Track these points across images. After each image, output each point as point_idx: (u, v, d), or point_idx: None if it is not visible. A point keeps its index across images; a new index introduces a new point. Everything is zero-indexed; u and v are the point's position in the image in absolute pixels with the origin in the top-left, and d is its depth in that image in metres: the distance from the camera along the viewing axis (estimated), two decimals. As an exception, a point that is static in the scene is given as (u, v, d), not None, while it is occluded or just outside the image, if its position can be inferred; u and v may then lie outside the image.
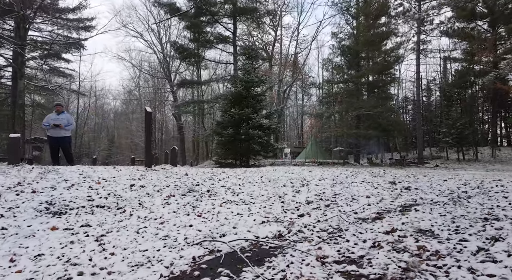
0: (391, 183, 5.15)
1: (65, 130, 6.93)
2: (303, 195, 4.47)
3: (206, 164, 18.37)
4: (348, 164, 19.03)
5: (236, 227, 3.02)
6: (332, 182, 5.76)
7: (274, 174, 6.79)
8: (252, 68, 14.57)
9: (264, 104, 14.94)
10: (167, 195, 4.08)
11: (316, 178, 6.30)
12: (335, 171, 8.00)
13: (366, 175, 6.71)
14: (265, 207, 3.86)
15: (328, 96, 31.25)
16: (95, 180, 4.37)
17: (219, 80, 22.02)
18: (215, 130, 14.72)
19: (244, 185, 5.04)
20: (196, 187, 4.55)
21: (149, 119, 5.72)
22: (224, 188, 4.77)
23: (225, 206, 3.85)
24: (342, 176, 6.62)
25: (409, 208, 3.41)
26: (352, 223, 2.96)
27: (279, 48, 27.48)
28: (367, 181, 5.56)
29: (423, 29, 24.90)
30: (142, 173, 5.18)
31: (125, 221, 3.16)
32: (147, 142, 5.84)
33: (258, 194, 4.48)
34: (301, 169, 9.08)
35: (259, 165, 15.41)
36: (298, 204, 3.98)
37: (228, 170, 7.52)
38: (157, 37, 26.89)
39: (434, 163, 23.89)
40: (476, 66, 29.07)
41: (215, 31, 20.36)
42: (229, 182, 5.29)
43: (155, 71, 31.50)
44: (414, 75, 26.83)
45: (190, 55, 20.72)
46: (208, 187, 4.69)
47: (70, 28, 24.71)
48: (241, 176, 6.09)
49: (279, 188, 5.01)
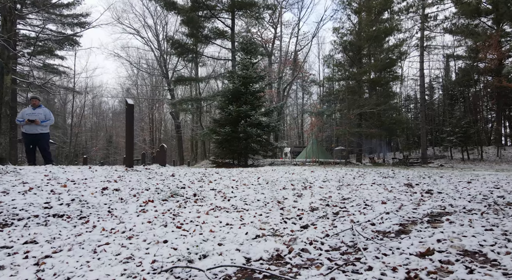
0: (407, 186, 4.50)
1: (42, 126, 6.26)
2: (306, 200, 3.82)
3: (203, 164, 17.72)
4: (350, 163, 18.37)
5: (223, 244, 2.37)
6: (338, 184, 5.11)
7: (272, 174, 6.14)
8: (251, 64, 13.90)
9: (263, 101, 14.27)
10: (144, 200, 3.43)
11: (320, 179, 5.65)
12: (339, 171, 7.34)
13: (375, 175, 6.05)
14: (260, 215, 3.21)
15: (329, 95, 30.57)
16: (61, 183, 3.71)
17: (216, 77, 21.35)
18: (211, 128, 14.06)
19: (237, 188, 4.38)
20: (181, 191, 3.90)
21: (130, 112, 5.06)
22: (214, 191, 4.11)
23: (213, 214, 3.19)
24: (348, 177, 5.97)
25: (438, 218, 2.75)
26: (371, 239, 2.31)
27: (279, 46, 26.82)
28: (378, 183, 4.91)
29: (427, 25, 24.23)
30: (121, 174, 4.53)
31: (84, 236, 2.51)
32: (128, 139, 5.18)
33: (254, 198, 3.83)
34: (302, 169, 8.42)
35: (258, 165, 14.75)
36: (300, 212, 3.33)
37: (222, 170, 6.87)
38: (154, 34, 26.25)
39: (438, 162, 23.26)
40: (480, 64, 28.45)
41: (212, 26, 19.67)
42: (220, 184, 4.63)
43: (153, 69, 30.83)
44: (417, 72, 26.22)
45: (186, 50, 20.00)
46: (195, 191, 4.03)
47: (64, 24, 24.06)
48: (235, 177, 5.43)
49: (278, 191, 4.35)
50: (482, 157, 24.14)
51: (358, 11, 21.41)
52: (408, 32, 24.09)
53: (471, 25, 27.90)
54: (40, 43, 23.94)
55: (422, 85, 23.32)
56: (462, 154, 24.75)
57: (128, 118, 5.08)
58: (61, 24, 23.75)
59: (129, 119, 5.07)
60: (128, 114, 5.06)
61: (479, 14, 27.64)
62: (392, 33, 21.60)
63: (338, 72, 24.57)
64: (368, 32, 20.43)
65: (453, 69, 33.88)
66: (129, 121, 5.07)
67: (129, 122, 5.08)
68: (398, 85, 31.32)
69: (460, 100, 32.37)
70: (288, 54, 27.29)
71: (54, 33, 21.47)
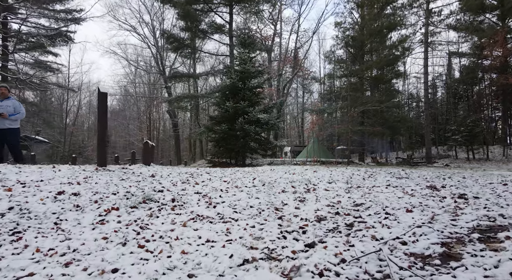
0: (431, 188, 3.78)
1: (11, 121, 5.55)
2: (311, 206, 3.11)
3: (199, 163, 17.02)
4: (353, 163, 17.65)
5: (194, 276, 1.66)
6: (346, 185, 4.40)
7: (270, 175, 5.43)
8: (249, 58, 13.17)
9: (261, 97, 13.55)
10: (107, 208, 2.71)
11: (324, 180, 4.94)
12: (345, 171, 6.63)
13: (386, 176, 5.34)
14: (253, 228, 2.50)
15: (329, 93, 29.85)
16: (6, 186, 3.00)
17: (214, 73, 20.59)
18: (207, 126, 13.35)
19: (227, 191, 3.67)
20: (156, 195, 3.18)
21: (103, 102, 4.32)
22: (199, 195, 3.40)
23: (192, 226, 2.48)
24: (356, 177, 5.26)
25: (492, 234, 2.04)
26: (408, 269, 1.60)
27: (279, 43, 26.12)
28: (393, 185, 4.19)
29: (431, 21, 23.52)
30: (88, 175, 3.81)
31: (2, 262, 1.80)
32: (101, 133, 4.42)
33: (246, 205, 3.11)
34: (303, 169, 7.71)
35: (256, 165, 14.04)
36: (304, 222, 2.62)
37: (215, 170, 6.16)
38: (151, 31, 25.51)
39: (442, 162, 22.55)
40: (485, 61, 27.74)
41: (209, 20, 18.87)
42: (208, 186, 3.92)
43: (150, 67, 30.13)
44: (421, 69, 25.54)
45: (182, 45, 19.22)
46: (175, 195, 3.32)
47: (57, 20, 23.38)
48: (227, 178, 4.72)
49: (276, 195, 3.64)
50: (488, 157, 23.45)
51: (361, 5, 20.68)
52: (411, 28, 23.37)
53: (476, 22, 27.20)
54: (33, 39, 23.27)
55: (426, 83, 22.59)
56: (467, 154, 24.03)
57: (101, 108, 4.33)
58: (54, 20, 23.07)
59: (102, 110, 4.32)
60: (101, 104, 4.31)
61: (483, 10, 26.93)
62: (396, 28, 20.88)
63: (340, 69, 23.84)
64: (371, 27, 19.71)
65: (456, 66, 33.18)
66: (102, 112, 4.31)
67: (101, 113, 4.32)
68: (400, 83, 30.61)
69: (464, 98, 31.68)
70: (288, 52, 26.58)
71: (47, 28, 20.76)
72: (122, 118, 45.32)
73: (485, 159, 23.24)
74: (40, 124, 27.80)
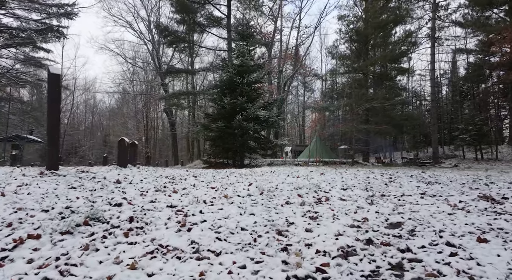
0: (488, 200, 2.85)
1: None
2: (328, 228, 2.18)
3: (195, 164, 16.10)
4: (358, 163, 16.72)
5: None
6: (366, 193, 3.47)
7: (271, 178, 4.49)
8: (247, 50, 12.23)
9: (260, 93, 12.60)
10: (21, 236, 1.78)
11: (337, 185, 4.01)
12: (357, 174, 5.70)
13: (411, 180, 4.41)
14: (242, 269, 1.57)
15: (331, 91, 28.90)
16: None
17: (212, 69, 19.58)
18: (203, 124, 12.42)
19: (213, 203, 2.73)
20: (109, 212, 2.25)
21: (54, 85, 3.32)
22: (172, 210, 2.46)
23: (145, 269, 1.55)
24: (374, 182, 4.32)
25: None
26: None
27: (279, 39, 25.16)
28: (429, 193, 3.26)
29: (438, 15, 22.58)
30: (25, 182, 2.88)
31: None
32: (52, 127, 3.44)
33: (235, 226, 2.18)
34: (308, 171, 6.78)
35: (256, 165, 13.12)
36: (322, 259, 1.69)
37: (206, 172, 5.23)
38: (147, 27, 24.55)
39: (449, 162, 21.63)
40: (493, 58, 26.83)
41: (205, 12, 17.84)
42: (189, 195, 2.98)
43: (147, 64, 29.17)
44: (428, 65, 24.61)
45: (177, 39, 18.20)
46: (136, 210, 2.38)
47: (49, 15, 22.49)
48: (217, 183, 3.78)
49: (278, 208, 2.71)
50: (497, 157, 22.54)
51: (366, -3, 19.77)
52: (417, 22, 22.42)
53: (483, 17, 26.30)
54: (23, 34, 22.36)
55: (433, 79, 21.64)
56: (475, 154, 23.11)
57: (52, 94, 3.32)
58: (46, 14, 22.18)
59: (53, 96, 3.32)
60: (52, 89, 3.30)
61: (491, 5, 26.00)
62: (401, 22, 19.92)
63: (343, 65, 22.87)
64: (376, 20, 18.76)
65: (462, 64, 32.25)
66: (53, 100, 3.32)
67: (52, 101, 3.33)
68: (404, 80, 29.64)
69: (469, 97, 30.77)
70: (289, 49, 25.63)
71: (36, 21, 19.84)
72: (120, 117, 44.37)
73: (494, 159, 22.32)
74: (32, 123, 26.95)
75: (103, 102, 48.16)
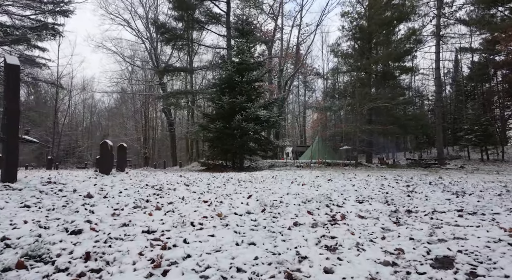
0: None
1: None
2: (353, 267, 1.61)
3: (193, 165, 15.53)
4: (361, 165, 16.15)
5: None
6: (387, 207, 2.90)
7: (273, 187, 3.92)
8: (247, 47, 11.65)
9: (261, 92, 12.03)
10: None
11: (350, 196, 3.44)
12: (368, 180, 5.13)
13: (435, 190, 3.84)
14: None
15: (333, 90, 28.32)
16: None
17: (211, 67, 18.96)
18: (201, 124, 11.85)
19: (202, 226, 2.15)
20: (59, 245, 1.67)
21: (13, 79, 2.71)
22: (147, 239, 1.87)
23: None
24: (394, 192, 3.75)
25: None
26: None
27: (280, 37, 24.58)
28: (468, 210, 2.69)
29: (443, 12, 22.01)
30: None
31: None
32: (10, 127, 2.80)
33: (229, 265, 1.60)
34: (313, 176, 6.21)
35: (256, 167, 12.55)
36: None
37: (200, 179, 4.66)
38: (145, 25, 23.97)
39: (455, 164, 21.07)
40: (498, 57, 26.28)
41: (204, 9, 17.20)
42: (175, 214, 2.40)
43: (145, 63, 28.58)
44: (432, 64, 24.03)
45: (175, 36, 17.58)
46: (100, 240, 1.80)
47: (44, 12, 21.92)
48: (210, 196, 3.20)
49: (284, 232, 2.14)
50: (504, 158, 21.99)
51: (369, -7, 19.20)
52: (421, 20, 21.86)
53: (488, 15, 25.75)
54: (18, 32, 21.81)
55: (438, 78, 21.05)
56: (481, 154, 22.55)
57: (10, 88, 2.69)
58: (41, 11, 21.64)
59: (10, 91, 2.69)
60: (10, 82, 2.69)
61: (495, 3, 25.46)
62: (406, 19, 19.35)
63: (346, 64, 22.29)
64: (380, 17, 18.18)
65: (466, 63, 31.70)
66: (11, 95, 2.69)
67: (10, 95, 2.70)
68: (407, 80, 29.05)
69: (473, 96, 30.21)
70: (290, 47, 25.05)
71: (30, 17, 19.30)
72: (119, 117, 43.79)
73: (500, 160, 21.79)
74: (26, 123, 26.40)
75: (102, 102, 47.61)
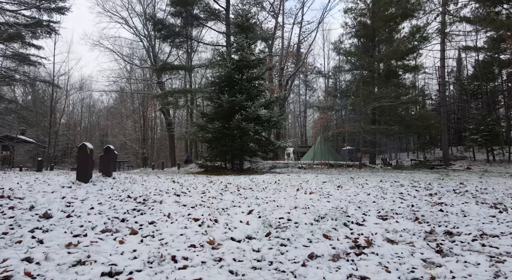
0: None
1: None
2: None
3: (191, 167, 14.99)
4: (365, 166, 15.60)
5: None
6: (419, 226, 2.35)
7: (277, 198, 3.37)
8: (247, 43, 11.08)
9: (262, 90, 11.48)
10: None
11: (369, 210, 2.88)
12: (384, 188, 4.57)
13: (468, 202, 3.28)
14: None
15: (335, 89, 27.77)
16: None
17: (211, 65, 18.38)
18: (199, 124, 11.29)
19: (187, 263, 1.59)
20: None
21: None
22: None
23: None
24: (419, 204, 3.20)
25: None
26: None
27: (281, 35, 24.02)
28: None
29: (448, 9, 21.43)
30: None
31: None
32: None
33: None
34: (320, 182, 5.66)
35: (256, 169, 11.99)
36: None
37: (195, 186, 4.11)
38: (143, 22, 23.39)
39: (460, 164, 20.53)
40: (503, 55, 25.75)
41: (202, 4, 16.61)
42: (153, 242, 1.84)
43: (143, 61, 28.00)
44: (437, 62, 23.47)
45: (172, 33, 16.97)
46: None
47: (40, 9, 21.39)
48: (203, 211, 2.65)
49: (298, 271, 1.58)
50: (510, 159, 21.45)
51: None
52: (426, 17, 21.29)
53: (492, 13, 25.21)
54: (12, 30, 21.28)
55: (443, 77, 20.50)
56: (487, 155, 22.00)
57: None
58: (37, 9, 21.11)
59: None
60: None
61: (500, 0, 24.92)
62: (410, 16, 18.79)
63: (349, 62, 21.73)
64: (384, 13, 17.64)
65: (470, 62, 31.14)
66: None
67: None
68: (410, 79, 28.50)
69: (477, 95, 29.69)
70: (291, 46, 24.48)
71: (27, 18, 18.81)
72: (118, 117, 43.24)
73: (507, 161, 21.24)
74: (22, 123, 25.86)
75: (101, 101, 47.12)
